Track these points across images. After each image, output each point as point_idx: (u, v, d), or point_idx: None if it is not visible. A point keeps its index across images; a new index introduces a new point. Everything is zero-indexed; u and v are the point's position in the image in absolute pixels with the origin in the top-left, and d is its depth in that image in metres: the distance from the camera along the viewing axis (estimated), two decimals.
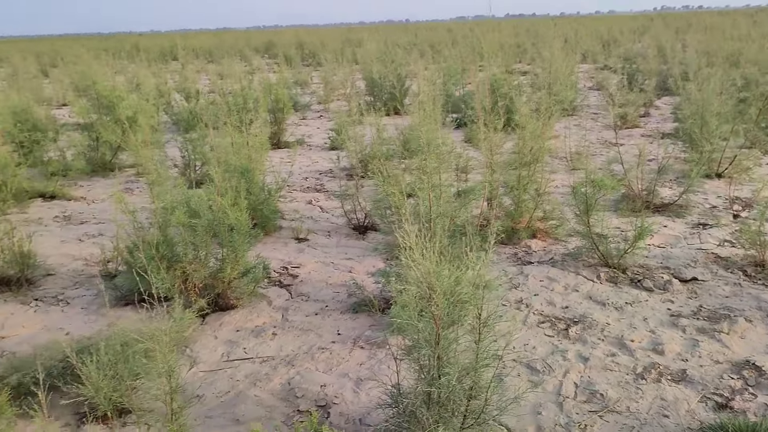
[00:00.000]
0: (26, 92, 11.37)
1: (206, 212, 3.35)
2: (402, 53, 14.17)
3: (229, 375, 2.89)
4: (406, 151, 5.82)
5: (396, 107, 9.89)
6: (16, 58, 20.08)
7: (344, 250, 4.41)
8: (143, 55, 23.69)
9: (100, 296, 3.77)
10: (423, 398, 2.13)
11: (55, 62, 23.15)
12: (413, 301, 2.15)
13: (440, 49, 18.77)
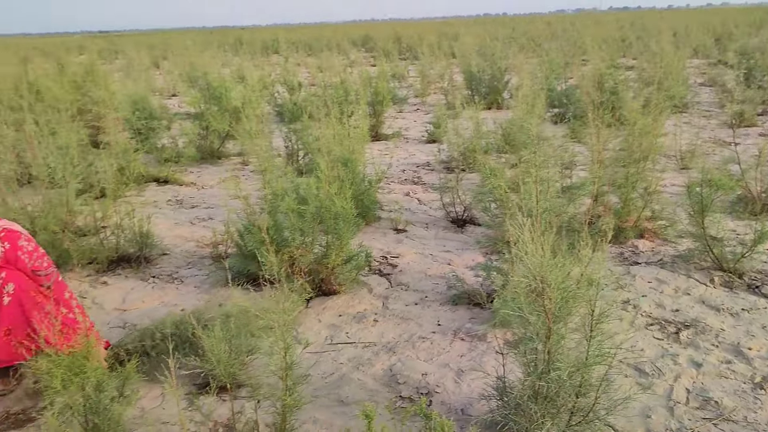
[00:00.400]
0: (140, 83, 12.09)
1: (314, 199, 3.45)
2: (501, 47, 13.98)
3: (333, 357, 2.98)
4: (507, 145, 5.75)
5: (494, 101, 9.79)
6: (131, 51, 21.32)
7: (442, 242, 4.42)
8: (246, 48, 24.61)
9: (211, 276, 3.96)
10: (530, 392, 2.12)
11: (166, 54, 24.41)
12: (523, 294, 2.13)
13: (540, 42, 18.39)
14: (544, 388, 2.07)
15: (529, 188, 3.23)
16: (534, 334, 2.12)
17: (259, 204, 4.13)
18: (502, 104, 9.90)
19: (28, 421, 2.55)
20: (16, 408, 2.64)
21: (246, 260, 3.67)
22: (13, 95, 7.76)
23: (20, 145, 5.04)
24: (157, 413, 2.58)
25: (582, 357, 2.05)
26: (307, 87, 11.34)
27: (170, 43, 28.36)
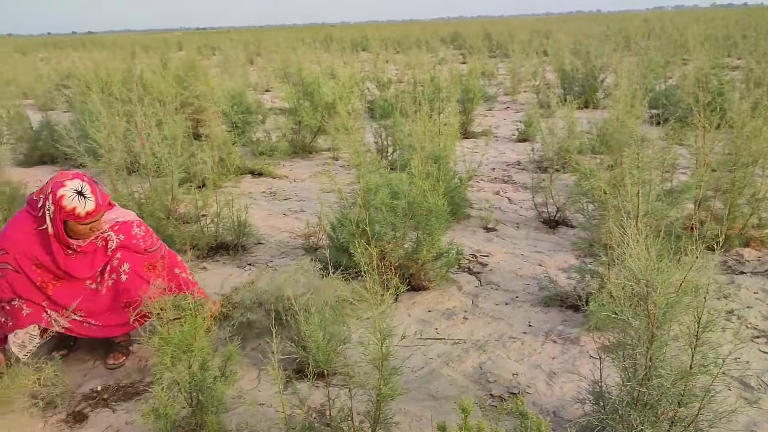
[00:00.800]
0: (237, 78, 12.52)
1: (407, 195, 3.48)
2: (595, 44, 13.58)
3: (423, 352, 3.00)
4: (603, 146, 5.60)
5: (588, 100, 9.54)
6: (227, 47, 22.13)
7: (534, 243, 4.36)
8: (336, 45, 24.99)
9: (303, 266, 4.06)
10: (629, 398, 2.07)
11: (259, 51, 25.18)
12: (624, 298, 2.08)
13: (636, 40, 17.73)
14: (645, 395, 2.02)
15: (629, 190, 3.13)
16: (636, 339, 2.06)
17: (351, 198, 4.21)
18: (597, 104, 9.63)
19: (136, 394, 2.71)
20: (125, 381, 2.81)
21: (338, 252, 3.74)
22: (122, 88, 8.22)
23: (129, 135, 5.34)
24: (253, 394, 2.69)
25: (685, 365, 1.98)
26: (396, 84, 11.42)
27: (263, 40, 29.23)
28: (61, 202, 2.53)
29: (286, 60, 11.95)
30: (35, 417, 2.55)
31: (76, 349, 3.11)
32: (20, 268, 2.68)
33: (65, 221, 2.61)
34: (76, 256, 2.76)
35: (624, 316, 1.99)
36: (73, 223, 2.61)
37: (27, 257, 2.67)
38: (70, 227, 2.64)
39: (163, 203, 4.35)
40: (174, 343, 2.24)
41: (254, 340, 3.09)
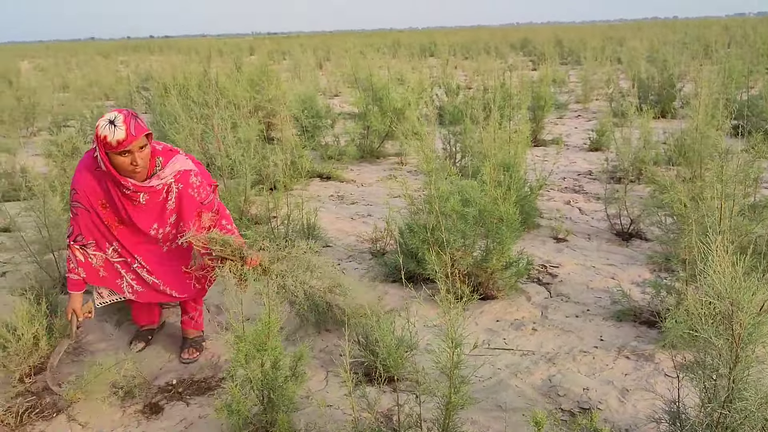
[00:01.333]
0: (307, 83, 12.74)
1: (479, 202, 3.46)
2: (672, 52, 13.16)
3: (491, 362, 2.97)
4: (681, 157, 5.41)
5: (665, 110, 9.24)
6: (297, 52, 22.53)
7: (606, 255, 4.25)
8: (404, 50, 25.09)
9: (370, 271, 4.10)
10: (709, 420, 1.99)
11: (328, 56, 25.54)
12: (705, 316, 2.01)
13: (716, 48, 17.07)
14: (727, 419, 1.94)
15: (711, 204, 3.02)
16: (718, 360, 1.99)
17: (420, 204, 4.22)
18: (674, 113, 9.32)
19: (209, 389, 2.79)
20: (199, 376, 2.90)
21: (405, 258, 3.75)
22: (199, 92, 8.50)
23: (206, 137, 5.52)
24: (321, 395, 2.72)
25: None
26: (465, 89, 11.36)
27: (332, 45, 29.64)
28: (97, 131, 2.54)
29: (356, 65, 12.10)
30: (114, 406, 2.66)
31: (152, 343, 3.23)
32: (90, 206, 2.72)
33: (108, 154, 2.59)
34: (138, 206, 2.76)
35: (706, 335, 1.92)
36: (113, 155, 2.57)
37: (94, 197, 2.71)
38: (112, 161, 2.60)
39: (237, 204, 4.46)
40: (248, 341, 2.30)
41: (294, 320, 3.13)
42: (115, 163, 2.59)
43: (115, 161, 2.58)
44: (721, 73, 8.80)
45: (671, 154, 5.66)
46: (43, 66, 25.55)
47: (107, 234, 2.80)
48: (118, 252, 2.84)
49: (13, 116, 9.46)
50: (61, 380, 2.79)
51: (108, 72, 17.71)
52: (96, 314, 3.50)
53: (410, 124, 6.92)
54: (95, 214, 2.75)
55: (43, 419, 2.56)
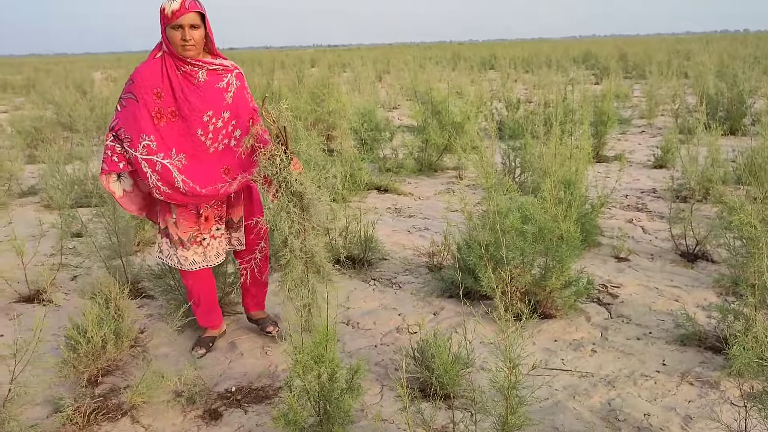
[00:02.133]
0: (366, 95, 12.87)
1: (538, 220, 3.42)
2: (743, 66, 12.72)
3: (548, 383, 2.93)
4: (750, 177, 5.22)
5: (734, 127, 8.94)
6: (357, 65, 22.79)
7: (669, 276, 4.13)
8: (463, 63, 25.06)
9: (426, 285, 4.10)
10: None
11: (388, 68, 25.73)
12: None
13: None
14: None
15: None
16: None
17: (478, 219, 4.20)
18: (744, 131, 9.00)
19: (266, 398, 2.85)
20: (257, 384, 2.96)
21: (462, 274, 3.74)
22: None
23: None
24: (376, 409, 2.74)
25: None
26: (525, 104, 11.26)
27: (392, 58, 29.84)
28: (160, 8, 2.72)
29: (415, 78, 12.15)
30: (176, 411, 2.74)
31: (212, 350, 3.31)
32: (141, 96, 2.75)
33: (165, 28, 2.73)
34: (198, 87, 2.81)
35: None
36: (169, 30, 2.71)
37: (150, 85, 2.76)
38: (168, 36, 2.74)
39: None
40: (306, 352, 2.34)
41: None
42: (170, 37, 2.73)
43: (170, 35, 2.73)
44: None
45: (741, 173, 5.46)
46: (114, 76, 26.61)
47: (148, 126, 2.75)
48: (152, 147, 2.75)
49: (87, 125, 9.88)
50: None
51: None
52: (160, 319, 3.63)
53: (469, 138, 6.91)
54: (146, 103, 2.75)
55: (109, 420, 2.66)
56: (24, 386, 2.32)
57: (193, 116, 2.80)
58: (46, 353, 2.97)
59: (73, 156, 7.98)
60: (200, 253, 3.09)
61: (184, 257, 3.06)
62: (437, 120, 7.67)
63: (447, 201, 6.11)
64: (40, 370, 2.51)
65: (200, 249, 3.08)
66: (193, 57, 2.78)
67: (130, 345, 3.18)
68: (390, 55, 33.23)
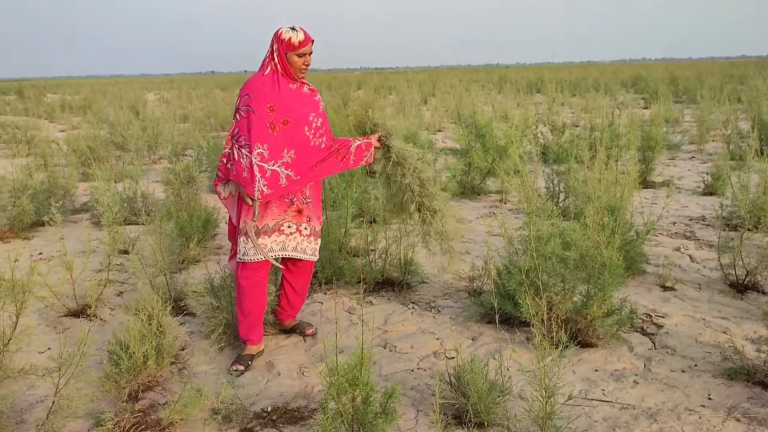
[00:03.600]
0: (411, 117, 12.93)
1: (581, 246, 3.37)
2: None
3: (587, 413, 2.86)
4: None
5: None
6: (403, 87, 22.96)
7: (717, 307, 4.00)
8: (510, 86, 24.98)
9: (466, 310, 4.07)
10: None
11: (434, 91, 25.83)
12: None
13: None
14: None
15: None
16: None
17: (520, 244, 4.16)
18: None
19: (301, 419, 2.85)
20: (293, 405, 2.97)
21: (502, 299, 3.70)
22: None
23: None
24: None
25: None
26: (571, 127, 11.15)
27: (438, 80, 29.97)
28: (281, 36, 3.17)
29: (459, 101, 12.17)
30: (212, 429, 2.77)
31: (251, 369, 3.34)
32: (257, 109, 3.17)
33: (286, 54, 3.19)
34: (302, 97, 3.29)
35: None
36: (291, 55, 3.19)
37: (264, 100, 3.19)
38: (289, 60, 3.21)
39: (337, 236, 4.57)
40: (341, 375, 2.34)
41: None
42: (291, 61, 3.21)
43: (291, 60, 3.21)
44: None
45: None
46: (166, 98, 27.43)
47: (264, 135, 3.17)
48: (265, 156, 3.17)
49: (138, 145, 10.19)
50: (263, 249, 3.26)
51: (225, 104, 18.75)
52: (201, 337, 3.69)
53: (512, 162, 6.87)
54: (260, 116, 3.17)
55: None
56: (67, 399, 2.39)
57: (301, 118, 3.26)
58: (89, 367, 3.04)
59: (124, 174, 8.23)
60: (279, 242, 3.36)
61: (263, 244, 3.30)
62: (481, 143, 7.65)
63: (488, 225, 6.07)
64: (83, 384, 2.57)
65: (281, 237, 3.37)
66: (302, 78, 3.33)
67: (171, 362, 3.24)
68: (436, 77, 33.37)
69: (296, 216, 3.39)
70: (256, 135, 3.14)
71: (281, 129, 3.19)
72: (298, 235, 3.42)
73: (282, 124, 3.19)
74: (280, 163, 3.19)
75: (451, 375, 2.89)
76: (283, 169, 3.22)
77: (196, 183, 6.47)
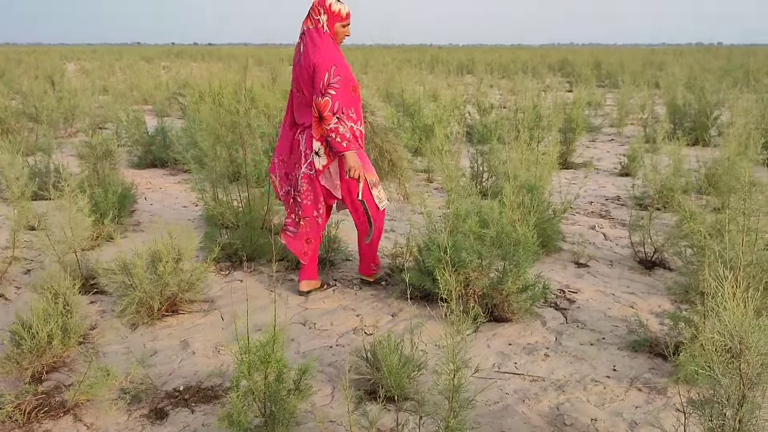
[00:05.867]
0: None
1: (496, 224, 3.44)
2: (712, 79, 12.95)
3: (499, 386, 2.94)
4: (710, 187, 5.31)
5: (700, 138, 9.08)
6: None
7: (627, 283, 4.18)
8: (442, 66, 25.14)
9: (387, 286, 4.09)
10: None
11: (366, 69, 25.70)
12: (715, 352, 1.96)
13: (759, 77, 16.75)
14: None
15: (733, 237, 2.96)
16: (725, 399, 1.93)
17: (441, 222, 4.20)
18: (708, 142, 9.16)
19: (215, 397, 2.81)
20: (206, 384, 2.92)
21: (422, 276, 3.74)
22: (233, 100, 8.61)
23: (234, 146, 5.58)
24: (325, 411, 2.72)
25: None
26: (499, 109, 11.33)
27: (371, 59, 29.82)
28: (330, 8, 3.52)
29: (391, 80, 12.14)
30: (121, 410, 2.69)
31: (162, 350, 3.26)
32: (345, 76, 3.51)
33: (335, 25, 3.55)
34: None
35: (713, 372, 1.88)
36: (338, 26, 3.57)
37: (346, 69, 3.54)
38: (337, 31, 3.58)
39: (259, 214, 4.50)
40: (253, 352, 2.31)
41: None
42: (339, 31, 3.58)
43: (338, 30, 3.57)
44: (759, 103, 8.63)
45: (701, 184, 5.55)
46: (87, 68, 26.23)
47: (350, 100, 3.55)
48: (353, 117, 3.61)
49: (53, 117, 9.71)
50: None
51: (149, 77, 18.09)
52: (112, 317, 3.57)
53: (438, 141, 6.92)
54: (347, 81, 3.52)
55: (51, 418, 2.60)
56: None
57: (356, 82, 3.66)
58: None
59: (37, 148, 7.83)
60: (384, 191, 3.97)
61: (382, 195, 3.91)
62: (410, 122, 7.68)
63: (413, 203, 6.11)
64: None
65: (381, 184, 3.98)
66: None
67: (79, 342, 3.13)
68: (370, 56, 33.19)
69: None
70: (347, 102, 3.51)
71: (355, 93, 3.61)
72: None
73: (354, 89, 3.59)
74: (358, 123, 3.66)
75: (367, 351, 2.91)
76: (357, 126, 3.67)
77: (114, 157, 6.23)
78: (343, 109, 3.48)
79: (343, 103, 3.47)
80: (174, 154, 7.40)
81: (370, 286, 4.12)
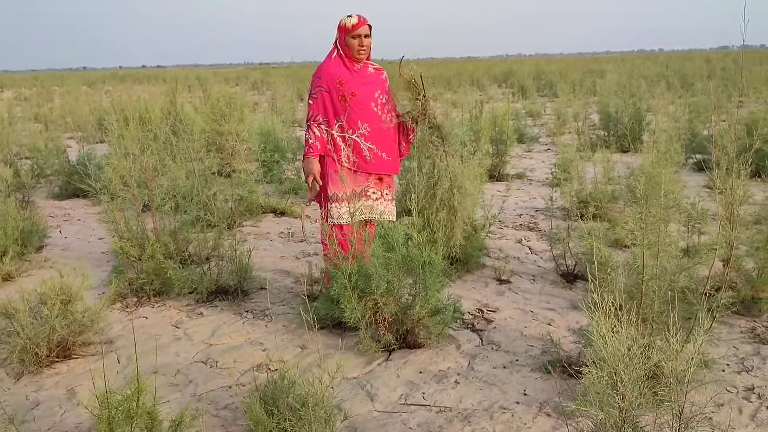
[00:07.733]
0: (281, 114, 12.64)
1: (401, 247, 3.30)
2: (646, 85, 13.19)
3: (403, 420, 2.78)
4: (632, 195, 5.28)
5: (632, 144, 9.18)
6: (278, 84, 22.50)
7: (547, 298, 4.09)
8: None
9: (300, 316, 3.91)
10: None
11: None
12: (601, 381, 1.85)
13: (692, 82, 17.20)
14: None
15: (637, 251, 2.88)
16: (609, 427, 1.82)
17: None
18: (638, 148, 9.26)
19: None
20: None
21: (331, 304, 3.57)
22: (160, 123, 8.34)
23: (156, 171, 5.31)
24: None
25: None
26: None
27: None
28: (339, 23, 3.70)
29: None
30: None
31: (48, 400, 3.01)
32: (329, 87, 3.70)
33: (345, 38, 3.69)
34: (367, 77, 3.77)
35: (592, 408, 1.76)
36: (348, 39, 3.68)
37: (334, 78, 3.70)
38: (346, 43, 3.69)
39: (164, 243, 4.27)
40: (114, 407, 2.11)
41: None
42: (349, 44, 3.68)
43: (348, 43, 3.68)
44: (685, 108, 8.77)
45: (624, 192, 5.54)
46: (26, 95, 25.46)
47: (339, 109, 3.70)
48: (343, 127, 3.72)
49: None
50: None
51: (88, 102, 17.55)
52: None
53: None
54: (332, 92, 3.70)
55: None
56: None
57: (368, 94, 3.74)
58: None
59: None
60: (367, 206, 3.84)
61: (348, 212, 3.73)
62: None
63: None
64: None
65: (368, 202, 3.84)
66: (365, 59, 3.76)
67: None
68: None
69: (377, 183, 3.85)
70: (332, 110, 3.70)
71: (351, 101, 3.67)
72: (383, 200, 3.88)
73: (351, 96, 3.67)
74: (357, 134, 3.71)
75: (260, 391, 2.72)
76: (363, 141, 3.73)
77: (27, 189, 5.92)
78: (317, 116, 3.72)
79: (319, 111, 3.72)
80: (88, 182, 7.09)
81: (283, 316, 3.93)
